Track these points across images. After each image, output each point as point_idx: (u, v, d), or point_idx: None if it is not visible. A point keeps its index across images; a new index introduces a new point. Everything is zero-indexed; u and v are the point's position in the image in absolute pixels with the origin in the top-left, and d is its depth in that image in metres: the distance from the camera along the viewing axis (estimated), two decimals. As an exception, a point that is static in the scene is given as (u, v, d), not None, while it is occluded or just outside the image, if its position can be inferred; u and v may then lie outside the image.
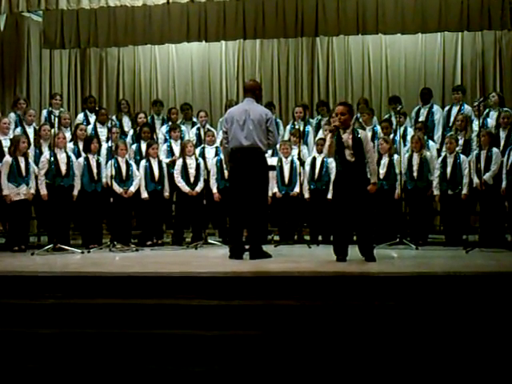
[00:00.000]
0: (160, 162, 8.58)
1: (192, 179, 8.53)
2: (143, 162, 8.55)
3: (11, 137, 8.30)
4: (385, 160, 8.20)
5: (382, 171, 8.16)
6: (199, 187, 8.51)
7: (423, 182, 8.07)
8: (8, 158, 7.91)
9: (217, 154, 8.82)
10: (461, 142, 8.22)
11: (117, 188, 8.23)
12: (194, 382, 4.32)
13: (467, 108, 8.98)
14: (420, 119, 9.18)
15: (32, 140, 8.61)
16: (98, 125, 9.38)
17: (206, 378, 4.32)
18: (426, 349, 4.34)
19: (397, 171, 8.01)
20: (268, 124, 6.72)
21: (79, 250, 7.64)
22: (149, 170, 8.48)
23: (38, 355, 4.56)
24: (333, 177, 7.61)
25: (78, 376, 4.40)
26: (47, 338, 4.65)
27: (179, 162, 8.60)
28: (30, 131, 8.81)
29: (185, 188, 8.50)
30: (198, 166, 8.56)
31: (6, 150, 8.15)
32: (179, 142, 8.98)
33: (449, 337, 4.46)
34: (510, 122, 8.00)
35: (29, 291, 5.24)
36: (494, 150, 7.68)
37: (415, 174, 8.06)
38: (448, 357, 4.29)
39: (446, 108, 9.35)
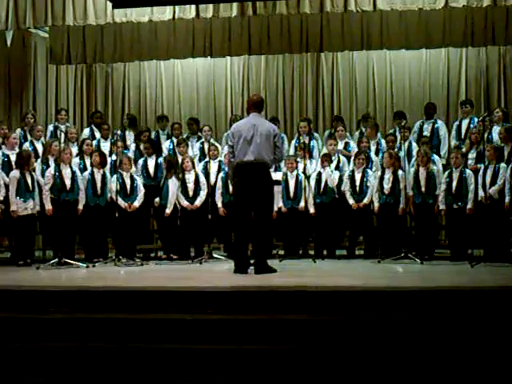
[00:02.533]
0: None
1: (191, 193, 8.54)
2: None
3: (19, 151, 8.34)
4: (389, 175, 8.21)
5: (387, 186, 8.17)
6: (199, 201, 8.50)
7: (431, 196, 8.06)
8: (16, 173, 7.93)
9: (219, 168, 8.84)
10: (473, 155, 8.25)
11: (121, 202, 8.25)
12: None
13: (476, 121, 8.99)
14: (424, 134, 9.20)
15: (41, 155, 8.66)
16: (102, 140, 9.44)
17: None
18: (431, 364, 4.32)
19: (401, 186, 8.02)
20: (276, 139, 6.76)
21: (84, 265, 7.64)
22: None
23: (44, 370, 4.55)
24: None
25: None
26: (53, 353, 4.65)
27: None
28: (39, 146, 8.86)
29: (183, 202, 8.51)
30: (196, 180, 8.56)
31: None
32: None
33: (454, 352, 4.44)
34: (504, 136, 8.01)
35: (34, 305, 5.24)
36: (502, 164, 7.66)
37: (423, 189, 8.05)
38: (453, 372, 4.27)
39: (456, 122, 9.38)
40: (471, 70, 10.63)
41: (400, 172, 8.13)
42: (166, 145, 9.63)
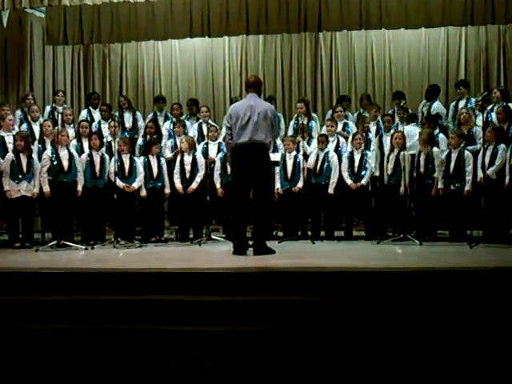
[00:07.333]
0: (159, 159, 8.56)
1: (188, 176, 8.49)
2: (142, 159, 8.57)
3: (14, 133, 8.32)
4: (392, 155, 8.21)
5: (390, 166, 8.18)
6: (194, 184, 8.45)
7: (430, 178, 8.05)
8: (10, 155, 7.93)
9: (219, 150, 8.80)
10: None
11: (119, 183, 8.22)
12: (199, 377, 4.32)
13: (474, 102, 8.94)
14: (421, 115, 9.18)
15: (37, 136, 8.62)
16: (102, 121, 9.40)
17: (211, 373, 4.32)
18: (430, 345, 4.33)
19: (402, 167, 8.00)
20: (273, 119, 6.74)
21: (83, 247, 7.64)
22: (147, 167, 8.49)
23: (43, 351, 4.56)
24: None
25: (83, 372, 4.41)
26: (52, 334, 4.66)
27: (178, 159, 8.59)
28: (36, 127, 8.84)
29: (178, 186, 8.48)
30: (194, 162, 8.51)
31: (9, 146, 8.18)
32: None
33: (453, 333, 4.45)
34: (502, 116, 7.97)
35: (33, 287, 5.25)
36: (501, 145, 7.61)
37: (422, 170, 8.04)
38: (452, 352, 4.29)
39: (453, 103, 9.34)
40: (471, 49, 10.57)
41: (401, 152, 8.11)
42: (165, 126, 9.58)
